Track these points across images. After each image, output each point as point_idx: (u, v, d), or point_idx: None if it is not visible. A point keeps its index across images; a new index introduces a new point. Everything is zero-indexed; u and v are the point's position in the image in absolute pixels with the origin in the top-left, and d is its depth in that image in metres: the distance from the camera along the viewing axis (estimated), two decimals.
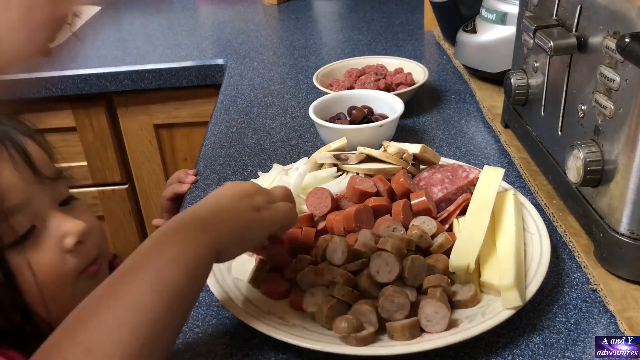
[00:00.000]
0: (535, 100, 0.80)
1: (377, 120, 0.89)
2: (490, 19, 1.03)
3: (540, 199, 0.75)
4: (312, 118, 0.90)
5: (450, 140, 0.93)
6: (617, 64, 0.58)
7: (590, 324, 0.58)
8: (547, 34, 0.67)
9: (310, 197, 0.69)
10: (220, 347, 0.58)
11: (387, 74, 1.08)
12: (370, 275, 0.57)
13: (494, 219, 0.66)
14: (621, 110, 0.58)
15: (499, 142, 0.91)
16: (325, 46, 1.42)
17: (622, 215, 0.59)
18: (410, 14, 1.57)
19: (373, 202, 0.67)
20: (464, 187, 0.70)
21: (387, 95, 0.95)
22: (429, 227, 0.64)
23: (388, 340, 0.55)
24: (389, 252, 0.57)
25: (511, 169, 0.84)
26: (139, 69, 1.30)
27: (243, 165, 0.90)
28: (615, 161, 0.59)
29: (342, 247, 0.59)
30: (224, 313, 0.63)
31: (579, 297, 0.61)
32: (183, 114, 1.35)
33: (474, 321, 0.55)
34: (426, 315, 0.55)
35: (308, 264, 0.62)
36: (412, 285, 0.58)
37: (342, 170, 0.78)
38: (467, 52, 1.10)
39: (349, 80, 1.07)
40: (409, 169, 0.74)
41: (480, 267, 0.61)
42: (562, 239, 0.69)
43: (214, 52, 1.38)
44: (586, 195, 0.66)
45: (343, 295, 0.56)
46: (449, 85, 1.13)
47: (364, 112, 0.91)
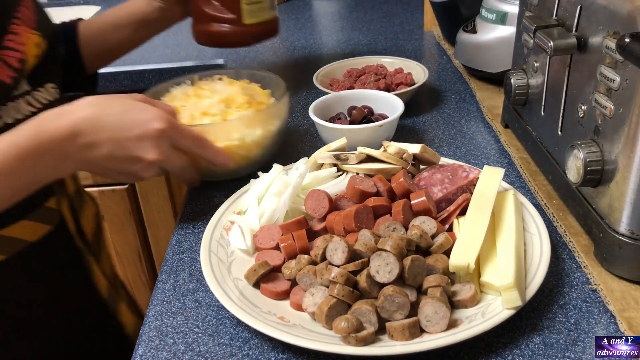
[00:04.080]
0: (535, 100, 0.80)
1: (377, 120, 0.89)
2: (490, 19, 1.03)
3: (540, 199, 0.75)
4: (312, 118, 0.90)
5: (450, 140, 0.93)
6: (617, 64, 0.58)
7: (590, 324, 0.58)
8: (547, 34, 0.67)
9: (308, 201, 0.69)
10: (220, 347, 0.58)
11: (387, 74, 1.08)
12: (370, 275, 0.57)
13: (494, 219, 0.66)
14: (621, 110, 0.58)
15: (499, 142, 0.91)
16: (325, 46, 1.42)
17: (622, 215, 0.59)
18: (410, 14, 1.58)
19: (373, 202, 0.67)
20: (464, 187, 0.70)
21: (387, 95, 0.95)
22: (429, 227, 0.64)
23: (388, 340, 0.55)
24: (389, 252, 0.57)
25: (511, 169, 0.84)
26: (139, 69, 1.30)
27: None
28: (615, 161, 0.59)
29: (342, 247, 0.59)
30: (224, 313, 0.63)
31: (579, 297, 0.61)
32: None
33: (474, 321, 0.55)
34: (426, 315, 0.55)
35: (308, 264, 0.62)
36: (412, 285, 0.58)
37: (342, 170, 0.78)
38: (467, 52, 1.10)
39: (349, 80, 1.07)
40: (409, 169, 0.74)
41: (480, 267, 0.61)
42: (562, 239, 0.69)
43: (213, 52, 1.39)
44: (586, 195, 0.66)
45: (343, 295, 0.56)
46: (449, 85, 1.13)
47: (364, 112, 0.91)
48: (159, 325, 0.62)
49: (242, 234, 0.69)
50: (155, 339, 0.60)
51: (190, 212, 0.80)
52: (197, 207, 0.81)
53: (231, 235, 0.70)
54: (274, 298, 0.62)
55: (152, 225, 1.53)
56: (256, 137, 0.82)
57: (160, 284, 0.68)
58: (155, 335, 0.61)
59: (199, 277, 0.68)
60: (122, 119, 0.66)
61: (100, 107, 0.66)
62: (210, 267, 0.64)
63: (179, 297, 0.65)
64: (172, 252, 0.73)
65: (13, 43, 0.71)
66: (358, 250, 0.60)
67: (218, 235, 0.70)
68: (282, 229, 0.68)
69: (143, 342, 0.60)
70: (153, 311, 0.64)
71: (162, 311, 0.64)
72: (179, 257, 0.72)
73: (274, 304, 0.61)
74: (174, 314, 0.63)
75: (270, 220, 0.71)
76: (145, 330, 0.61)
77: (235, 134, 0.80)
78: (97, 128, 0.64)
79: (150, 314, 0.64)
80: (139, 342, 0.60)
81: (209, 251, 0.66)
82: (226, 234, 0.70)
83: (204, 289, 0.66)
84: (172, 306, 0.64)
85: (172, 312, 0.63)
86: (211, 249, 0.67)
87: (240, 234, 0.70)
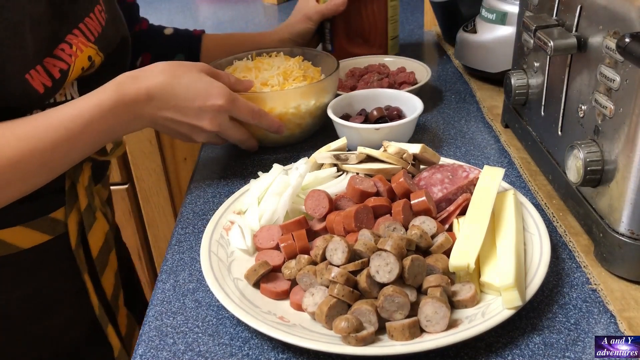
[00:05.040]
0: (535, 100, 0.80)
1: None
2: (490, 19, 1.03)
3: (540, 199, 0.75)
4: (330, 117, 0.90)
5: (450, 140, 0.93)
6: (617, 64, 0.58)
7: (590, 324, 0.58)
8: (547, 34, 0.67)
9: (308, 201, 0.69)
10: (220, 347, 0.58)
11: (390, 73, 1.08)
12: (370, 275, 0.57)
13: (494, 219, 0.66)
14: (621, 110, 0.58)
15: (499, 142, 0.91)
16: None
17: (622, 215, 0.59)
18: (410, 14, 1.57)
19: (373, 202, 0.67)
20: (464, 187, 0.70)
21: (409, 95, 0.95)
22: (429, 227, 0.64)
23: (388, 340, 0.55)
24: (389, 252, 0.57)
25: (511, 169, 0.84)
26: None
27: (243, 165, 0.90)
28: (615, 161, 0.59)
29: (342, 247, 0.59)
30: (224, 313, 0.63)
31: (579, 297, 0.61)
32: None
33: (474, 321, 0.55)
34: (426, 315, 0.55)
35: (308, 264, 0.62)
36: (412, 285, 0.58)
37: (342, 170, 0.78)
38: (467, 52, 1.10)
39: (351, 80, 1.07)
40: (409, 169, 0.74)
41: (480, 267, 0.61)
42: (562, 239, 0.69)
43: None
44: (586, 195, 0.66)
45: (343, 295, 0.56)
46: (449, 85, 1.13)
47: (383, 112, 0.91)
48: (159, 325, 0.62)
49: (242, 234, 0.69)
50: (155, 339, 0.60)
51: (190, 212, 0.80)
52: (197, 207, 0.81)
53: (231, 235, 0.70)
54: (274, 298, 0.62)
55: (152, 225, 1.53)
56: (310, 106, 0.91)
57: (160, 284, 0.68)
58: (155, 335, 0.61)
59: (199, 277, 0.68)
60: (189, 89, 0.75)
61: (171, 76, 0.74)
62: (210, 267, 0.64)
63: (179, 297, 0.65)
64: (172, 252, 0.73)
65: (63, 53, 0.72)
66: (358, 250, 0.60)
67: (218, 235, 0.70)
68: (282, 229, 0.68)
69: (143, 342, 0.60)
70: (153, 311, 0.64)
71: (162, 311, 0.64)
72: (179, 257, 0.72)
73: (274, 304, 0.61)
74: (174, 314, 0.63)
75: (270, 221, 0.71)
76: (145, 330, 0.61)
77: (292, 102, 0.89)
78: (167, 95, 0.73)
79: (150, 314, 0.64)
80: (139, 342, 0.60)
81: (209, 251, 0.66)
82: (226, 234, 0.70)
83: (204, 289, 0.66)
84: (172, 306, 0.64)
85: (172, 312, 0.63)
86: (211, 249, 0.67)
87: (240, 234, 0.70)
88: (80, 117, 0.68)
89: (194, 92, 0.75)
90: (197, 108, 0.76)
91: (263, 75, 0.94)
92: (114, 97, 0.70)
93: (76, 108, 0.69)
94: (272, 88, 0.92)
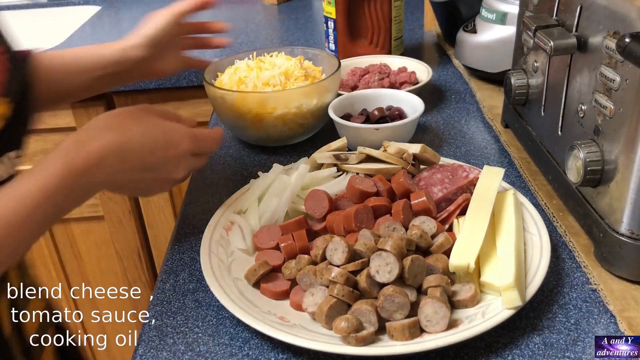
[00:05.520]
0: (535, 100, 0.80)
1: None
2: (490, 19, 1.03)
3: (540, 199, 0.75)
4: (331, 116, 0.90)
5: (450, 140, 0.93)
6: (617, 64, 0.58)
7: (590, 324, 0.58)
8: (547, 34, 0.67)
9: (308, 201, 0.69)
10: (220, 347, 0.58)
11: (391, 72, 1.08)
12: (370, 275, 0.57)
13: (494, 219, 0.66)
14: (621, 110, 0.58)
15: (499, 142, 0.91)
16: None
17: (622, 215, 0.59)
18: (410, 14, 1.57)
19: (373, 202, 0.67)
20: (464, 187, 0.70)
21: (410, 95, 0.95)
22: (429, 227, 0.64)
23: (388, 340, 0.55)
24: (389, 252, 0.57)
25: (511, 169, 0.84)
26: None
27: (243, 165, 0.90)
28: (615, 161, 0.59)
29: (342, 247, 0.59)
30: (224, 313, 0.63)
31: (579, 297, 0.61)
32: (183, 113, 1.33)
33: (474, 321, 0.55)
34: (426, 315, 0.55)
35: (308, 264, 0.62)
36: (412, 285, 0.58)
37: (342, 170, 0.78)
38: (467, 52, 1.10)
39: (352, 80, 1.07)
40: (409, 169, 0.74)
41: (480, 267, 0.61)
42: (562, 239, 0.69)
43: (213, 52, 1.38)
44: (586, 195, 0.66)
45: (343, 295, 0.56)
46: (449, 85, 1.13)
47: (384, 112, 0.91)
48: (159, 325, 0.62)
49: (242, 234, 0.69)
50: (155, 339, 0.60)
51: (190, 212, 0.80)
52: (197, 207, 0.81)
53: (231, 235, 0.70)
54: (274, 298, 0.62)
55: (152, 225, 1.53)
56: (312, 106, 0.90)
57: (160, 284, 0.68)
58: (155, 335, 0.61)
59: (199, 277, 0.68)
60: (144, 141, 0.65)
61: (120, 132, 0.63)
62: (210, 267, 0.64)
63: (179, 297, 0.65)
64: (172, 252, 0.73)
65: None
66: (358, 250, 0.60)
67: (218, 235, 0.70)
68: (282, 229, 0.68)
69: (143, 342, 0.60)
70: (153, 311, 0.64)
71: (162, 311, 0.64)
72: (179, 257, 0.72)
73: (274, 304, 0.61)
74: (174, 314, 0.63)
75: (270, 220, 0.71)
76: (145, 330, 0.61)
77: (294, 102, 0.89)
78: (122, 155, 0.62)
79: (150, 314, 0.64)
80: (139, 342, 0.60)
81: (209, 251, 0.66)
82: (226, 234, 0.70)
83: (204, 289, 0.66)
84: (172, 306, 0.64)
85: (172, 312, 0.63)
86: (211, 249, 0.67)
87: (240, 234, 0.70)
88: (22, 207, 0.56)
89: (151, 143, 0.65)
90: (161, 159, 0.66)
91: (264, 75, 0.94)
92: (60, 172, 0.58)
93: (16, 195, 0.56)
94: (274, 88, 0.92)
